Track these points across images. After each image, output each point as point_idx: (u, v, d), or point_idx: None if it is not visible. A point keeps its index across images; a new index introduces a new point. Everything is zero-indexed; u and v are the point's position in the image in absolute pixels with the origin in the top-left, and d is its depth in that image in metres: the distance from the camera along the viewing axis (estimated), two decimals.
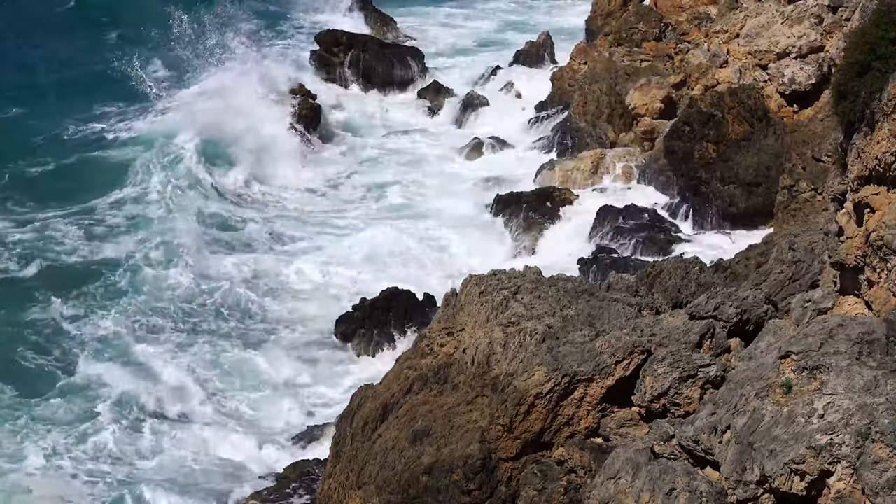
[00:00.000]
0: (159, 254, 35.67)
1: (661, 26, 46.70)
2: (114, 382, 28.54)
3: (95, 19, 63.18)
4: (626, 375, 17.19)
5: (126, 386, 28.36)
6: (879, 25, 14.87)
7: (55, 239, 36.85)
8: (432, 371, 19.81)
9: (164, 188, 40.89)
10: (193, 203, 39.94)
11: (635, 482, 14.21)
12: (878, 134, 14.49)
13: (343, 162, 45.98)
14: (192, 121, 45.63)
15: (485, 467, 17.45)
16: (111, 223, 38.39)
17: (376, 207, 41.57)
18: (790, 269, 20.53)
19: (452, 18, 68.48)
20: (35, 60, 56.24)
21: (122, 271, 34.66)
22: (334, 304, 33.54)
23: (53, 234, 37.17)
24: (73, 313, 32.19)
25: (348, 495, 19.17)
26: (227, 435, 26.94)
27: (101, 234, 37.49)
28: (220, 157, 44.15)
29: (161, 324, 32.00)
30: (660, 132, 40.06)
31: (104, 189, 41.03)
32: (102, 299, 33.13)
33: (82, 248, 36.40)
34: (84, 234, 37.25)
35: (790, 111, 37.75)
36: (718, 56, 40.63)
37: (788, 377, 13.34)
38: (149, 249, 35.91)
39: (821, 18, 38.81)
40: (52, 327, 31.43)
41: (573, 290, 19.87)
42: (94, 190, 40.91)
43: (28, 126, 47.43)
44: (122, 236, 37.27)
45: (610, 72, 44.38)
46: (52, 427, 26.67)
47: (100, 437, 26.40)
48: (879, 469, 12.18)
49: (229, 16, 53.14)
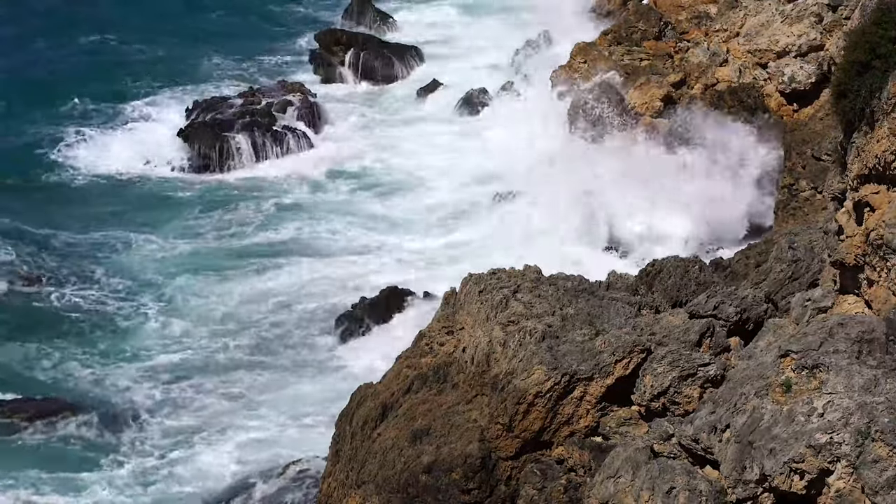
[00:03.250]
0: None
1: (661, 25, 46.61)
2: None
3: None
4: (625, 374, 17.19)
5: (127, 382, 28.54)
6: (879, 24, 14.87)
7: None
8: (432, 370, 19.81)
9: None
10: None
11: (635, 481, 14.20)
12: (877, 133, 14.49)
13: (340, 159, 45.91)
14: None
15: (484, 466, 17.44)
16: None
17: (375, 207, 41.55)
18: (790, 267, 20.54)
19: (452, 17, 68.38)
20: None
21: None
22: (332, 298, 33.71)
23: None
24: None
25: (348, 494, 19.16)
26: (227, 434, 26.93)
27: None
28: None
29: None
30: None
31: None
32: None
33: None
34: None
35: (790, 110, 37.73)
36: (718, 55, 40.61)
37: (788, 376, 13.34)
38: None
39: (820, 17, 38.79)
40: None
41: (573, 289, 19.86)
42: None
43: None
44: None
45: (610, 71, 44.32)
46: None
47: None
48: (879, 468, 12.17)
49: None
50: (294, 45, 60.80)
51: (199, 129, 46.49)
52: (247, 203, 41.40)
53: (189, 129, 46.76)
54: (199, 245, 37.47)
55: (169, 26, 62.40)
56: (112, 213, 39.83)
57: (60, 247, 36.78)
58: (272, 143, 45.94)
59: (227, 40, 60.59)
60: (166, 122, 48.38)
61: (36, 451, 26.60)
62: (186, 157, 44.78)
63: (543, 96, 43.95)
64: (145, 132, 47.41)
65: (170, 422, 27.77)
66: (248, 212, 40.57)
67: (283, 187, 43.03)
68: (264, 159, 45.31)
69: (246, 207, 40.98)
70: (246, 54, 58.70)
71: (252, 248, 37.71)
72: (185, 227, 38.89)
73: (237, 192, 42.38)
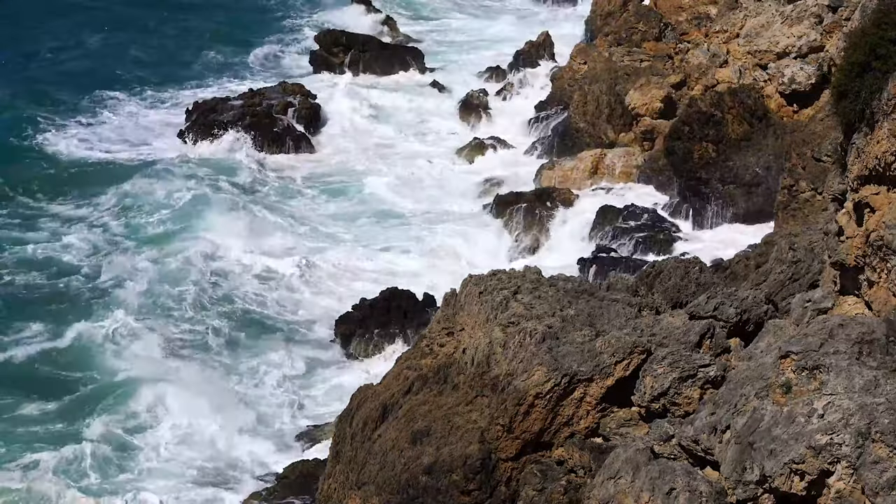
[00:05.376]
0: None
1: (661, 26, 46.69)
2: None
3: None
4: (625, 375, 17.19)
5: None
6: (879, 25, 14.89)
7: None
8: (432, 371, 19.80)
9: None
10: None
11: (635, 482, 14.20)
12: (877, 134, 14.50)
13: (338, 160, 45.91)
14: None
15: (484, 467, 17.44)
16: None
17: (374, 207, 41.55)
18: (790, 268, 20.56)
19: (452, 18, 68.44)
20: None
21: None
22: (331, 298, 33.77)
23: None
24: None
25: (348, 495, 19.17)
26: (227, 434, 26.93)
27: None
28: None
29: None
30: (659, 132, 40.04)
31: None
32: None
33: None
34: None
35: (790, 111, 37.75)
36: (718, 56, 40.62)
37: (788, 377, 13.34)
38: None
39: (820, 18, 38.80)
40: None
41: (573, 290, 19.86)
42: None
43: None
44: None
45: (610, 72, 44.37)
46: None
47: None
48: (879, 469, 12.17)
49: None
50: (294, 46, 60.86)
51: (200, 129, 46.59)
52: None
53: (190, 129, 46.86)
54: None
55: (169, 26, 62.55)
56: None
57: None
58: (273, 144, 46.10)
59: (227, 41, 60.75)
60: (167, 122, 48.48)
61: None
62: (188, 157, 44.99)
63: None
64: (146, 132, 47.49)
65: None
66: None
67: (283, 187, 43.09)
68: (265, 159, 45.50)
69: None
70: (246, 55, 58.79)
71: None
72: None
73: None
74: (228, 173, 43.46)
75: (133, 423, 27.23)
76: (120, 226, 38.60)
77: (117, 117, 49.12)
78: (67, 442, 26.18)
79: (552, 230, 37.23)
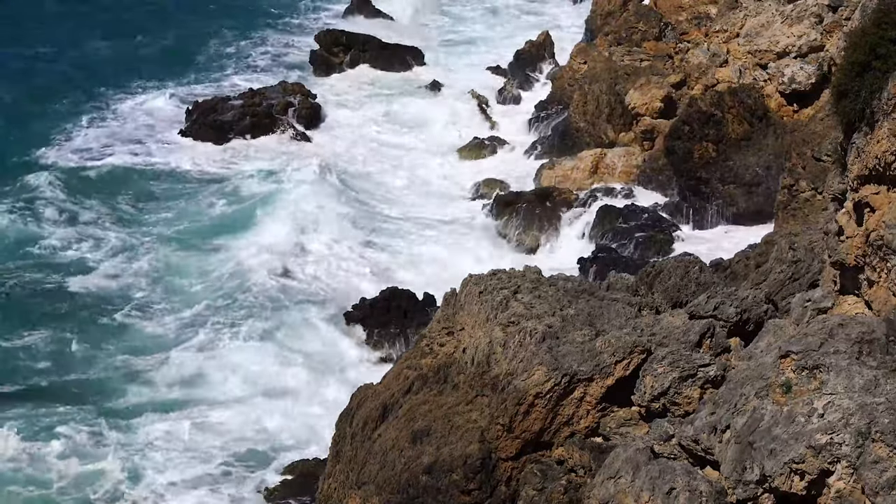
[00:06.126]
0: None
1: (661, 26, 46.69)
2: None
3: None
4: (625, 375, 17.19)
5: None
6: (879, 25, 14.89)
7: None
8: (432, 371, 19.80)
9: None
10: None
11: (635, 482, 14.19)
12: (878, 133, 14.50)
13: (339, 160, 45.89)
14: None
15: (484, 467, 17.44)
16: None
17: (374, 207, 41.54)
18: (790, 268, 20.56)
19: (452, 17, 68.45)
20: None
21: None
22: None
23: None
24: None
25: (348, 495, 19.17)
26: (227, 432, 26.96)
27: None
28: None
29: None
30: (660, 132, 40.04)
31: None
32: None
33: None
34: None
35: (790, 111, 37.76)
36: (718, 55, 40.63)
37: (788, 377, 13.34)
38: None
39: (821, 18, 38.81)
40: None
41: (573, 290, 19.85)
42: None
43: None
44: None
45: (610, 71, 44.37)
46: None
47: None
48: (879, 468, 12.17)
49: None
50: (295, 45, 60.85)
51: (200, 129, 46.62)
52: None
53: (190, 129, 46.89)
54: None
55: (169, 26, 62.57)
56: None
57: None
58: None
59: (227, 41, 60.77)
60: (167, 122, 48.48)
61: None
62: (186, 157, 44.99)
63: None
64: (145, 132, 47.50)
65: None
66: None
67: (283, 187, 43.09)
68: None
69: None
70: (246, 55, 58.81)
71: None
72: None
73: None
74: (228, 173, 43.48)
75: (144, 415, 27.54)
76: (120, 226, 38.62)
77: (118, 118, 49.15)
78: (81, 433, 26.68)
79: (552, 230, 37.23)
